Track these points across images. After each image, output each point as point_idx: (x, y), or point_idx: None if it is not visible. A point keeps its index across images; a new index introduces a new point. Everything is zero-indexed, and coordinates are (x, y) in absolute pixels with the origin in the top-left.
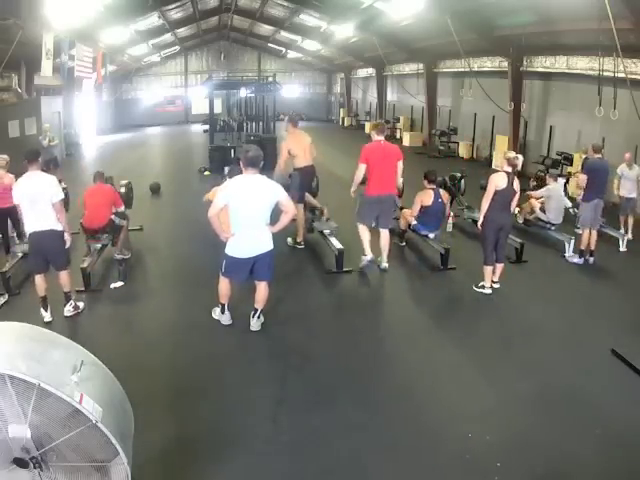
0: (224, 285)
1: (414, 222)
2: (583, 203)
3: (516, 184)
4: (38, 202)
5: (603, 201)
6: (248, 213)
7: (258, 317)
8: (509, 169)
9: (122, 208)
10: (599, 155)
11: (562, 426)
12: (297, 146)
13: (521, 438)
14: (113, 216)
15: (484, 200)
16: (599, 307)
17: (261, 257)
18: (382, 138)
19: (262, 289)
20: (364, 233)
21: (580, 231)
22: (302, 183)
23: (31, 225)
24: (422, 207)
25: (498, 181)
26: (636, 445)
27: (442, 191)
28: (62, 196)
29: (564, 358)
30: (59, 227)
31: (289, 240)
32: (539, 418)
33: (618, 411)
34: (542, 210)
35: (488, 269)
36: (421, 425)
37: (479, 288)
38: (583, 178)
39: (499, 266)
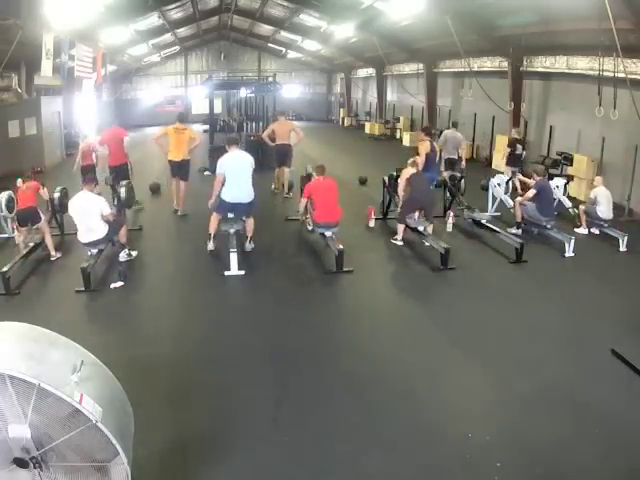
0: (214, 220)
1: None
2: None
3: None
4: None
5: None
6: (235, 172)
7: (249, 242)
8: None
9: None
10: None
11: (562, 426)
12: (279, 129)
13: (521, 438)
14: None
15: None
16: (599, 307)
17: (246, 204)
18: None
19: (250, 222)
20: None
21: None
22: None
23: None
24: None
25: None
26: (636, 445)
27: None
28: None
29: (564, 358)
30: None
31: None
32: (539, 418)
33: (618, 411)
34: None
35: (402, 227)
36: (421, 425)
37: (394, 240)
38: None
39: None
